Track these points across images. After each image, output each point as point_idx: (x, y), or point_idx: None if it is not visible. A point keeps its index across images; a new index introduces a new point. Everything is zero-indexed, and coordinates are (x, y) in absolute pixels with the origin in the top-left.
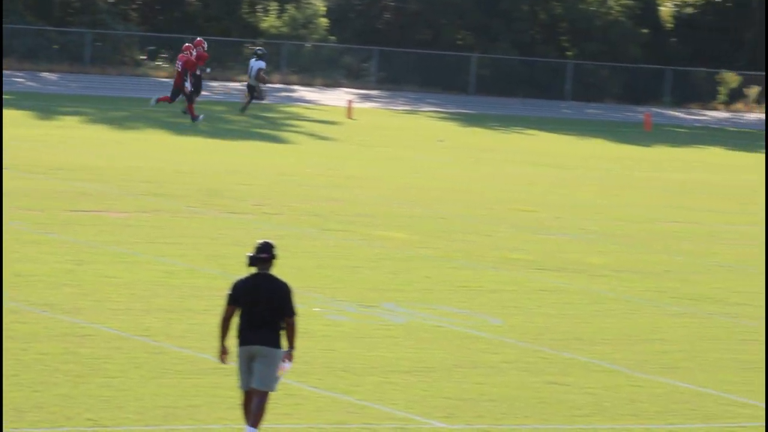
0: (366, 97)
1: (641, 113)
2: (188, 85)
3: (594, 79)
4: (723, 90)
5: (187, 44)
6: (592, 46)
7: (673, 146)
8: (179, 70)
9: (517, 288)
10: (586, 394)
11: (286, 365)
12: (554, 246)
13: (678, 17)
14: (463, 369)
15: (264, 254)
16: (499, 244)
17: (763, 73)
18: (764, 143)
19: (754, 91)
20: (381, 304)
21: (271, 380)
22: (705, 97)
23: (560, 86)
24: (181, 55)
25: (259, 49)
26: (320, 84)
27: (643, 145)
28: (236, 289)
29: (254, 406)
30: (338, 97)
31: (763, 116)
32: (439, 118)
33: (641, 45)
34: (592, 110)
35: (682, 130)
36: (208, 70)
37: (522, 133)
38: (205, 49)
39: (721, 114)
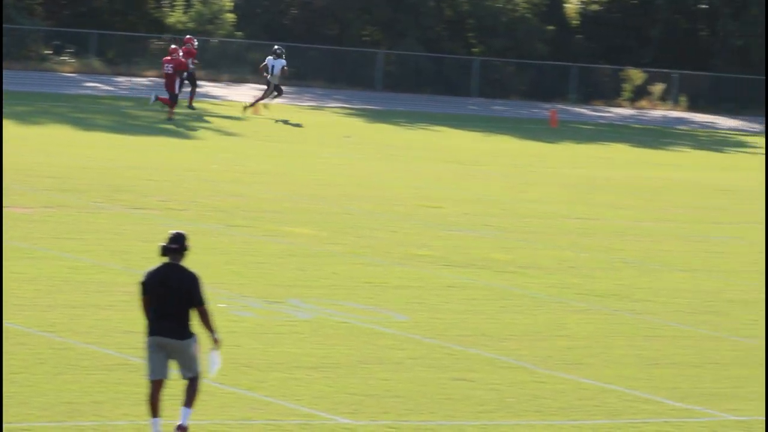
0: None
1: (547, 110)
2: (177, 88)
3: (500, 76)
4: (628, 87)
5: (173, 46)
6: (498, 43)
7: (578, 143)
8: (169, 72)
9: (424, 284)
10: (491, 390)
11: (216, 359)
12: (460, 242)
13: (584, 14)
14: (369, 365)
15: (174, 245)
16: (406, 240)
17: (668, 70)
18: (670, 139)
19: (658, 88)
20: (287, 300)
21: (196, 364)
22: (610, 94)
23: (467, 83)
24: (167, 57)
25: (278, 48)
26: (227, 80)
27: (549, 142)
28: (146, 279)
29: (187, 389)
30: (245, 93)
31: (667, 113)
32: (346, 114)
33: (547, 42)
34: (499, 107)
35: (588, 126)
36: (194, 63)
37: (428, 129)
38: (195, 45)
39: (625, 111)
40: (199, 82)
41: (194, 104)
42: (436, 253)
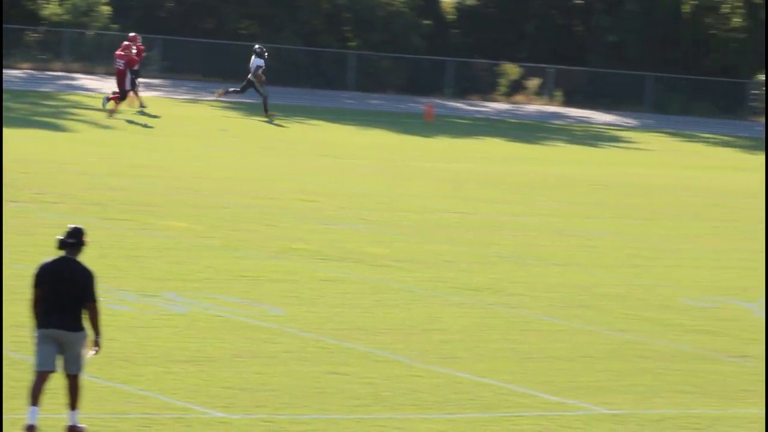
0: (148, 86)
1: (423, 104)
2: (128, 84)
3: (376, 70)
4: (504, 82)
5: (126, 42)
6: (374, 37)
7: (454, 137)
8: (121, 68)
9: (299, 278)
10: (366, 384)
11: (92, 352)
12: (336, 236)
13: (460, 9)
14: (244, 359)
15: (72, 239)
16: (282, 234)
17: (543, 65)
18: (545, 134)
19: (533, 83)
20: (162, 293)
21: (82, 361)
22: (486, 88)
23: (343, 77)
24: (121, 53)
25: (258, 47)
26: (102, 72)
27: (425, 136)
28: (41, 271)
29: (70, 389)
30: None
31: (542, 107)
32: (222, 107)
33: (423, 36)
34: (375, 101)
35: (464, 121)
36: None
37: (305, 123)
38: (140, 42)
39: (501, 105)
40: (73, 75)
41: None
42: (311, 247)
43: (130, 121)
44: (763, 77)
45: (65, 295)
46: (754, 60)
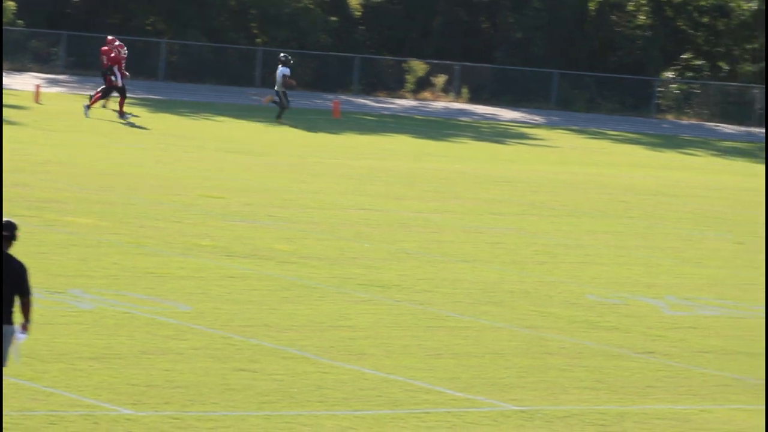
0: (54, 82)
1: (330, 101)
2: (119, 80)
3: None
4: (410, 78)
5: (110, 37)
6: (281, 34)
7: (361, 134)
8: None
9: (206, 275)
10: (274, 380)
11: (22, 336)
12: (243, 233)
13: (366, 6)
14: (151, 355)
15: (6, 232)
16: (188, 230)
17: (450, 62)
18: (452, 131)
19: (440, 80)
20: (68, 290)
21: (6, 356)
22: (393, 85)
23: (250, 73)
24: (106, 48)
25: (283, 56)
26: (8, 68)
27: (332, 133)
28: None
29: None
30: (26, 82)
31: (449, 104)
32: (129, 103)
33: (330, 33)
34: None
35: (371, 117)
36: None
37: (212, 119)
38: (116, 46)
39: (408, 102)
40: None
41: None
42: (218, 243)
43: (37, 119)
44: (669, 74)
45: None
46: (659, 58)
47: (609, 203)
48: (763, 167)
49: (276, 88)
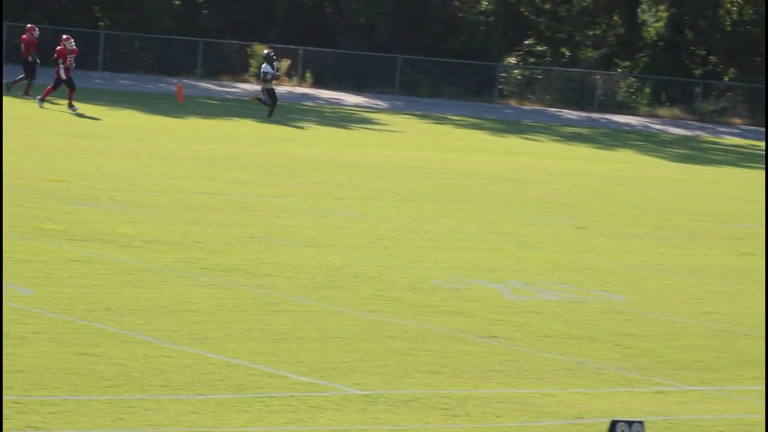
0: None
1: (174, 84)
2: (62, 73)
3: (127, 50)
4: (254, 63)
5: (64, 36)
6: (124, 17)
7: (205, 118)
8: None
9: (48, 258)
10: (116, 365)
11: None
12: (85, 216)
13: None
14: None
15: None
16: (30, 214)
17: (294, 46)
18: (296, 115)
19: (284, 64)
20: None
21: None
22: (236, 69)
23: (93, 56)
24: (26, 36)
25: (266, 52)
26: None
27: (176, 117)
28: None
29: None
30: None
31: (293, 89)
32: None
33: (174, 17)
34: (125, 81)
35: (214, 102)
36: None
37: (53, 103)
38: (35, 35)
39: (252, 86)
40: None
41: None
42: (60, 227)
43: None
44: (512, 60)
45: None
46: (502, 43)
47: (452, 188)
48: (605, 152)
49: (261, 86)
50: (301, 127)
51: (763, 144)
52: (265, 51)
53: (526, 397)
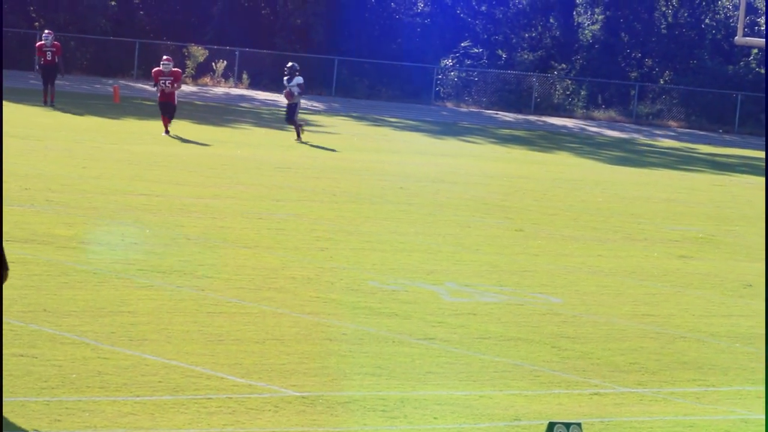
0: None
1: (110, 85)
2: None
3: (63, 51)
4: (190, 64)
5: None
6: (60, 17)
7: (141, 119)
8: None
9: None
10: (54, 366)
11: None
12: (21, 217)
13: None
14: None
15: None
16: None
17: (230, 48)
18: (233, 116)
19: (221, 65)
20: None
21: None
22: None
23: (28, 57)
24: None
25: (291, 64)
26: None
27: (112, 118)
28: None
29: None
30: None
31: (229, 90)
32: None
33: (110, 18)
34: (60, 81)
35: (150, 103)
36: None
37: None
38: None
39: (188, 88)
40: None
41: None
42: None
43: None
44: (448, 62)
45: None
46: (438, 45)
47: (389, 190)
48: (542, 155)
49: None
50: (237, 129)
51: (698, 146)
52: (290, 64)
53: (463, 399)
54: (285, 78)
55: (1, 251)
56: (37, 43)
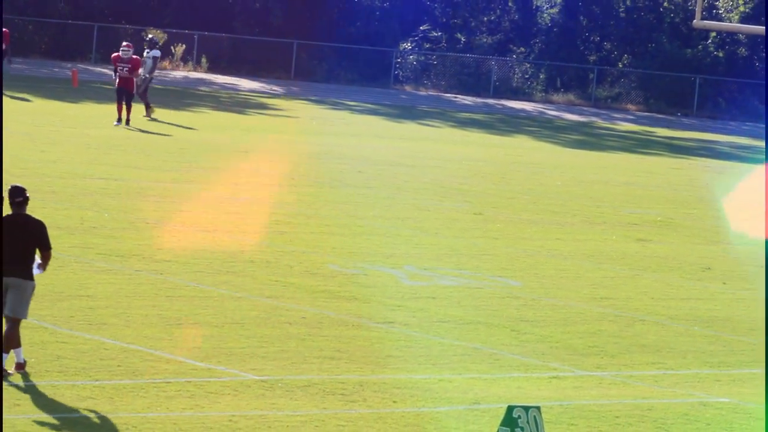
0: None
1: (68, 69)
2: None
3: (21, 34)
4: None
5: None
6: (19, 1)
7: (99, 103)
8: None
9: None
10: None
11: (38, 270)
12: None
13: None
14: None
15: (19, 198)
16: None
17: (188, 31)
18: (191, 100)
19: (179, 49)
20: None
21: (23, 309)
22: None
23: None
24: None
25: (151, 37)
26: None
27: (70, 102)
28: (3, 226)
29: (7, 332)
30: None
31: (188, 74)
32: None
33: (68, 1)
34: (18, 65)
35: (109, 87)
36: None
37: None
38: None
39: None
40: None
41: None
42: None
43: None
44: (407, 45)
45: (21, 247)
46: (396, 29)
47: (348, 173)
48: (501, 138)
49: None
50: (196, 113)
51: (656, 130)
52: (150, 36)
53: (423, 382)
54: (145, 51)
55: (45, 234)
56: None
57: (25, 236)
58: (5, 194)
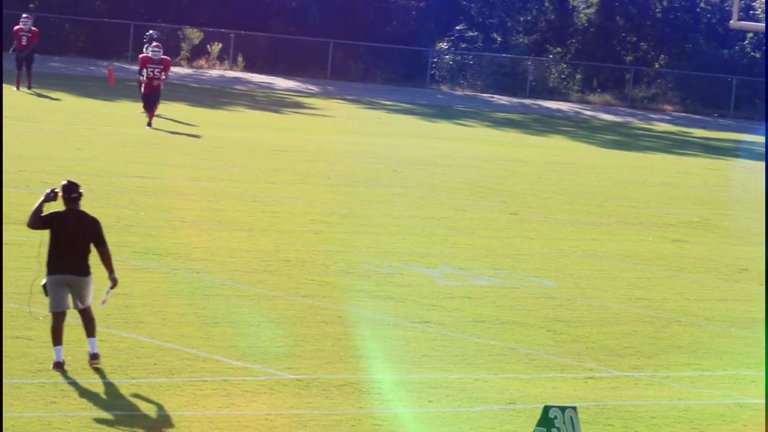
0: None
1: (104, 67)
2: None
3: (57, 33)
4: (185, 46)
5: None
6: (54, 1)
7: (136, 101)
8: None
9: None
10: (49, 348)
11: (108, 292)
12: (17, 199)
13: None
14: None
15: (74, 194)
16: None
17: (225, 30)
18: (228, 99)
19: (215, 47)
20: None
21: (89, 297)
22: (169, 53)
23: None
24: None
25: (151, 32)
26: None
27: (107, 100)
28: (52, 217)
29: (86, 321)
30: None
31: (224, 72)
32: None
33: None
34: (55, 63)
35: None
36: None
37: None
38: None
39: (183, 70)
40: None
41: None
42: None
43: None
44: (443, 45)
45: (76, 244)
46: (432, 29)
47: (383, 173)
48: (537, 138)
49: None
50: (232, 111)
51: (693, 130)
52: (150, 32)
53: (458, 382)
54: (145, 46)
55: (100, 230)
56: (15, 27)
57: (81, 232)
58: (59, 189)
